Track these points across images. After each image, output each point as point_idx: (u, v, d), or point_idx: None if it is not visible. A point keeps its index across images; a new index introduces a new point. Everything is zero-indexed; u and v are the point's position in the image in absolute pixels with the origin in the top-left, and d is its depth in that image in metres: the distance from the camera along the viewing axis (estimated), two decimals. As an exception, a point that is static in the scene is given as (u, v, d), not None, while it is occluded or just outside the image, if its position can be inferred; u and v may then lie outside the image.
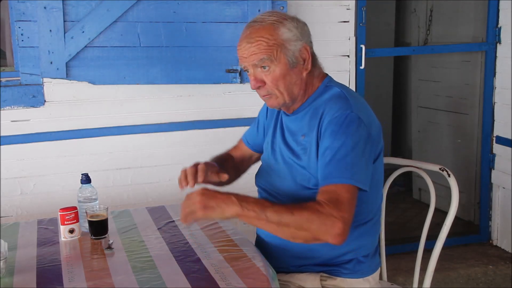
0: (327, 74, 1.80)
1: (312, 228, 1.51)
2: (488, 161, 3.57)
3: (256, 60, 1.65)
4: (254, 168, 2.06)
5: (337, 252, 1.74)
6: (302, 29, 1.70)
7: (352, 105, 1.65)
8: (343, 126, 1.60)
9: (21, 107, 2.73)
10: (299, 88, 1.71)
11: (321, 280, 1.77)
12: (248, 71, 1.71)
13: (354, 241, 1.72)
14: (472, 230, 3.75)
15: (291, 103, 1.74)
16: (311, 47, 1.73)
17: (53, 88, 2.76)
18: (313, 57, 1.73)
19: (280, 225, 1.53)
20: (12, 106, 2.71)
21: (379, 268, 1.90)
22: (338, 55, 3.11)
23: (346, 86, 1.78)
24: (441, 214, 1.97)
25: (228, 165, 2.00)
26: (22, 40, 2.64)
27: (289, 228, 1.53)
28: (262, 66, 1.66)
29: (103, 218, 1.88)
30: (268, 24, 1.65)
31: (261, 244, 1.85)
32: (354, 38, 3.17)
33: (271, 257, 1.77)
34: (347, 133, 1.59)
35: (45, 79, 2.72)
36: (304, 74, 1.70)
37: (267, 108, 1.97)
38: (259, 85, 1.69)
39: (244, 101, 3.02)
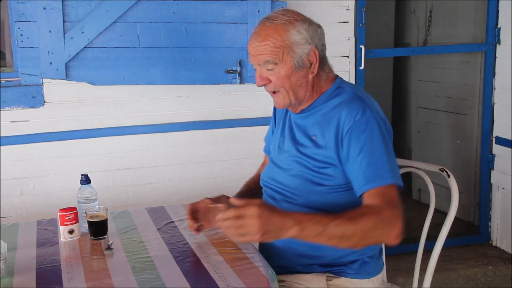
0: (337, 76, 1.80)
1: (376, 234, 1.51)
2: (487, 162, 3.57)
3: (262, 61, 1.67)
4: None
5: (344, 252, 1.74)
6: (314, 32, 1.69)
7: (369, 105, 1.66)
8: (369, 128, 1.61)
9: (20, 108, 2.73)
10: (304, 89, 1.72)
11: (326, 279, 1.78)
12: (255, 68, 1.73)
13: None
14: (472, 230, 3.75)
15: (297, 103, 1.75)
16: (322, 50, 1.73)
17: (52, 88, 2.76)
18: (322, 60, 1.73)
19: (343, 238, 1.48)
20: (12, 107, 2.71)
21: (383, 270, 1.90)
22: (338, 55, 3.12)
23: (358, 86, 1.79)
24: (440, 215, 1.97)
25: (259, 190, 1.97)
26: (22, 41, 2.64)
27: (351, 239, 1.49)
28: (267, 66, 1.67)
29: (103, 219, 1.87)
30: (279, 24, 1.66)
31: (267, 244, 1.85)
32: (353, 39, 3.17)
33: (277, 257, 1.77)
34: (375, 134, 1.61)
35: (44, 80, 2.73)
36: (310, 77, 1.71)
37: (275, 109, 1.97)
38: (264, 82, 1.71)
39: (244, 101, 3.02)
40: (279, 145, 1.86)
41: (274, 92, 1.73)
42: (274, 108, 1.97)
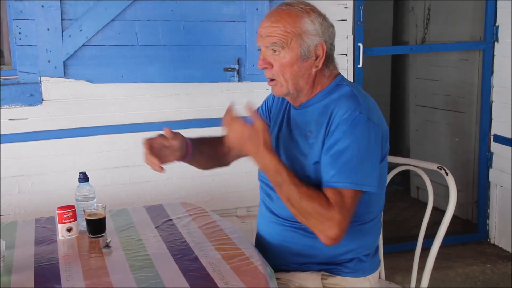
0: (339, 73, 1.80)
1: (311, 222, 1.59)
2: (486, 160, 3.57)
3: (269, 43, 1.66)
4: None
5: (338, 251, 1.73)
6: (327, 28, 1.70)
7: (361, 105, 1.64)
8: (351, 127, 1.60)
9: (19, 106, 2.73)
10: (305, 81, 1.71)
11: (322, 279, 1.77)
12: (260, 51, 1.71)
13: (356, 240, 1.73)
14: (470, 228, 3.76)
15: (295, 94, 1.73)
16: (331, 49, 1.73)
17: (51, 86, 2.76)
18: (329, 58, 1.73)
19: (288, 202, 1.61)
20: (10, 105, 2.71)
21: (380, 267, 1.90)
22: (336, 53, 3.09)
23: (357, 85, 1.78)
24: (439, 213, 1.97)
25: (207, 147, 1.96)
26: (20, 39, 2.64)
27: (293, 208, 1.61)
28: (273, 49, 1.66)
29: (101, 217, 1.87)
30: (295, 10, 1.66)
31: (261, 242, 1.85)
32: (352, 37, 3.17)
33: (271, 255, 1.77)
34: (355, 135, 1.60)
35: (43, 78, 2.72)
36: (313, 70, 1.70)
37: (273, 98, 1.96)
38: (266, 66, 1.69)
39: (242, 99, 2.98)
40: (276, 141, 1.85)
41: (271, 80, 1.72)
42: (272, 98, 1.96)
